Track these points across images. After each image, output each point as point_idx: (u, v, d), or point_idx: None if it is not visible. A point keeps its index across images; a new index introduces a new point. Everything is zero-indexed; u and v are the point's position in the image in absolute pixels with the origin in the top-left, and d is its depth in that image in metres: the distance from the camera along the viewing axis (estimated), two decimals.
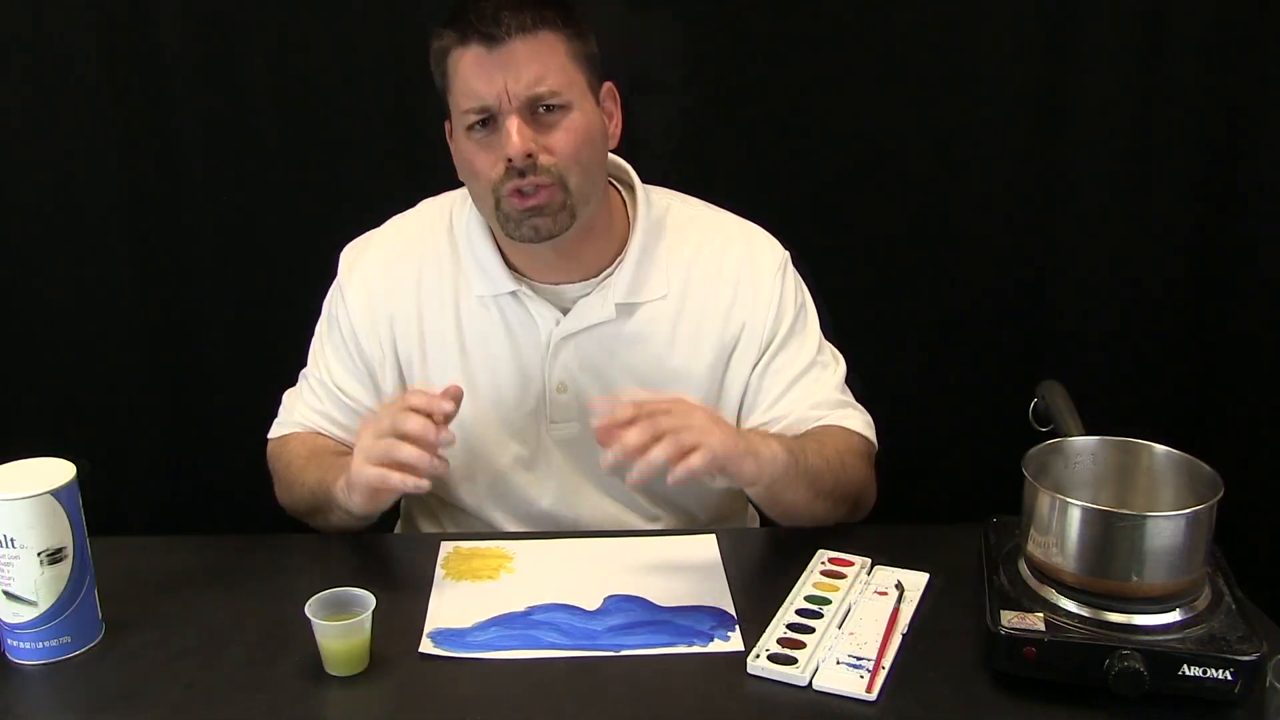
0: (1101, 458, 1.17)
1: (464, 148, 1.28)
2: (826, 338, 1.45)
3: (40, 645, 1.08)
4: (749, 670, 1.06)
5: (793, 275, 1.41)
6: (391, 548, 1.34)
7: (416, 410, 1.16)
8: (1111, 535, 1.03)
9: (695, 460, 1.13)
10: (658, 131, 1.81)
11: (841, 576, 1.22)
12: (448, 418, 1.18)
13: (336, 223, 1.63)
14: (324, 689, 1.04)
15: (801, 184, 1.82)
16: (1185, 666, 0.99)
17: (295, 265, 1.83)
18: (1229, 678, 0.98)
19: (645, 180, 1.40)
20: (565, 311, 1.35)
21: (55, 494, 1.05)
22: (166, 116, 1.77)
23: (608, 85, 1.32)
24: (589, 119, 1.27)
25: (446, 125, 1.32)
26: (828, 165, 1.84)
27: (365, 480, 1.18)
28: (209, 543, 1.33)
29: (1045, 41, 1.79)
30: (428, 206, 1.44)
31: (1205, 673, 0.98)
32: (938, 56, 1.80)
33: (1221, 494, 1.04)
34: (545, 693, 1.04)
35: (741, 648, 1.09)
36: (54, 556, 1.06)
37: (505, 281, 1.34)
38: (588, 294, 1.35)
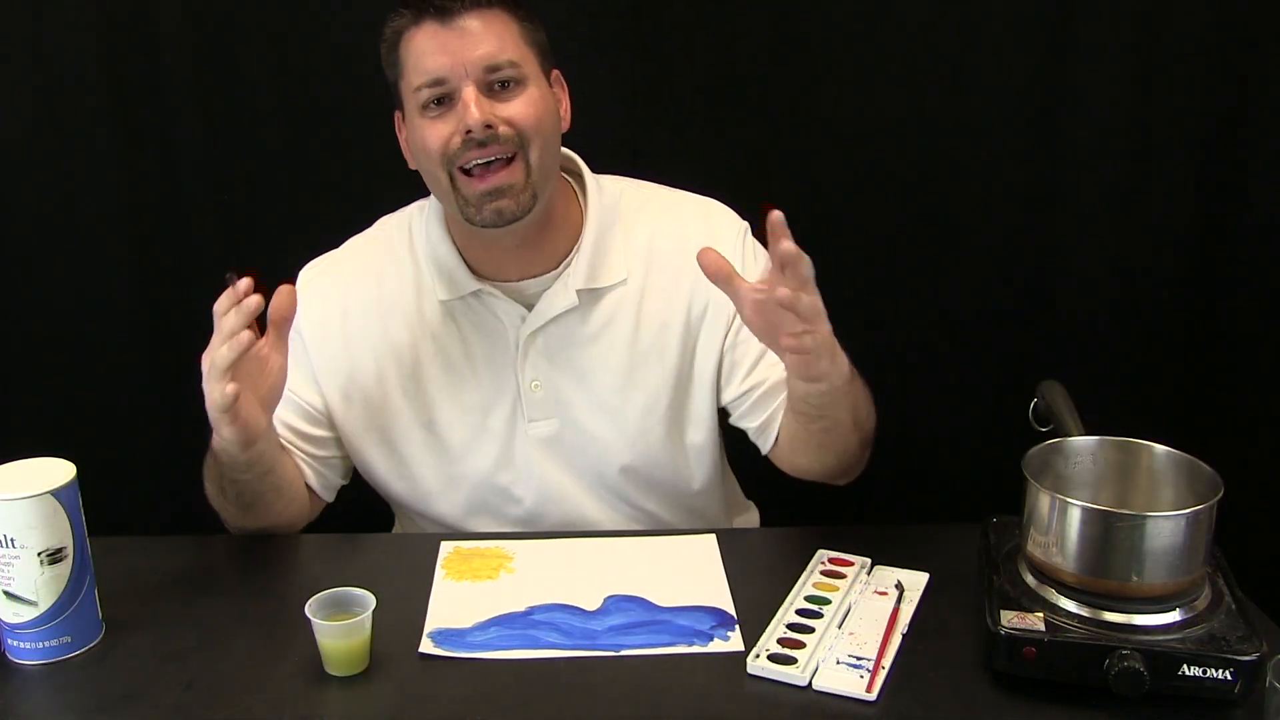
0: (1101, 458, 1.17)
1: (417, 126, 1.27)
2: None
3: (40, 645, 1.08)
4: (749, 670, 1.06)
5: (753, 244, 1.39)
6: (391, 548, 1.34)
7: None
8: (1111, 535, 1.03)
9: (824, 329, 1.14)
10: (665, 134, 1.81)
11: (841, 576, 1.22)
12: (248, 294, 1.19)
13: (337, 223, 1.62)
14: (324, 689, 1.04)
15: (800, 183, 1.81)
16: (1185, 666, 0.99)
17: (296, 265, 1.83)
18: (1229, 678, 0.98)
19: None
20: (530, 308, 1.35)
21: (55, 494, 1.05)
22: (167, 117, 1.76)
23: (555, 73, 1.34)
24: (545, 96, 1.29)
25: (397, 116, 1.33)
26: (826, 164, 1.84)
27: (212, 401, 1.17)
28: (209, 543, 1.33)
29: (1045, 41, 1.79)
30: (386, 221, 1.44)
31: (1205, 673, 0.99)
32: (938, 54, 1.79)
33: (1221, 494, 1.04)
34: (545, 693, 1.04)
35: (741, 648, 1.09)
36: (54, 556, 1.06)
37: (468, 282, 1.34)
38: (549, 287, 1.35)
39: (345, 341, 1.38)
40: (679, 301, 1.37)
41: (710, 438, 1.42)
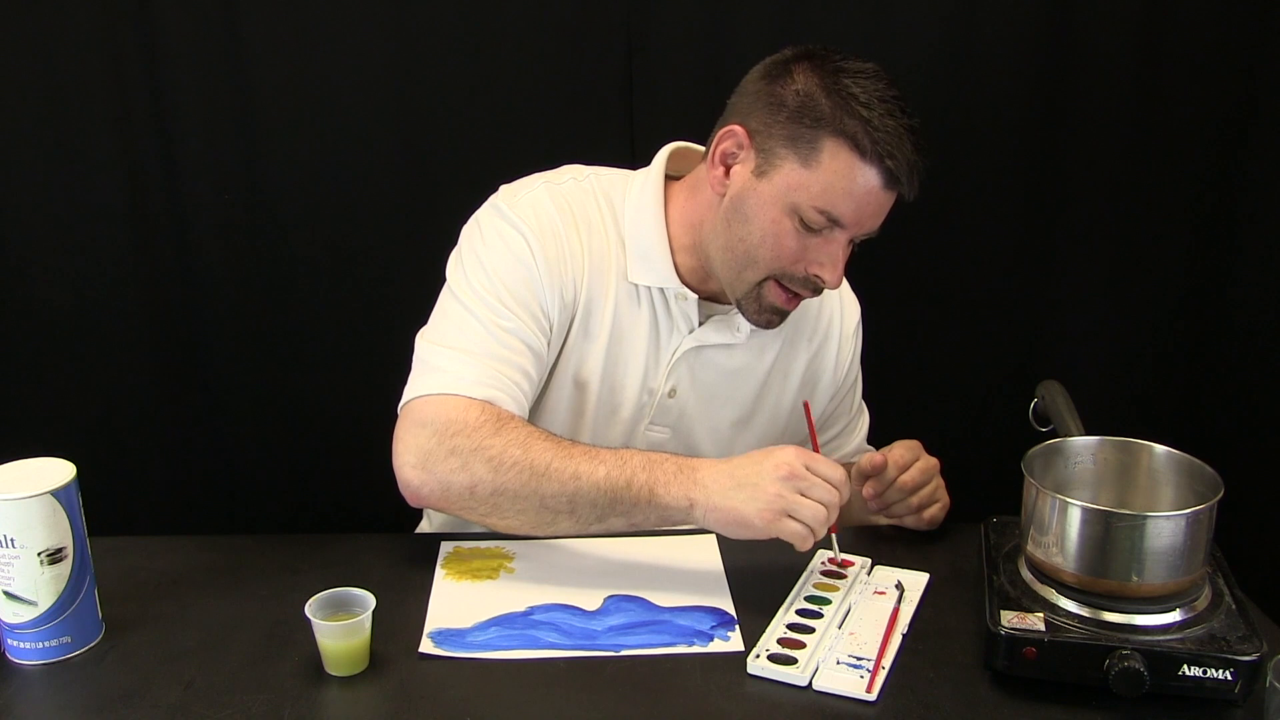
0: (1101, 458, 1.17)
1: (779, 222, 1.24)
2: None
3: (40, 645, 1.08)
4: (749, 670, 1.06)
5: (861, 332, 1.51)
6: (391, 548, 1.34)
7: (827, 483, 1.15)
8: (1111, 535, 1.03)
9: (944, 508, 1.33)
10: (665, 134, 1.81)
11: (842, 576, 1.22)
12: None
13: (338, 221, 1.64)
14: (324, 689, 1.04)
15: None
16: (1185, 666, 0.99)
17: (297, 264, 1.84)
18: (1229, 678, 0.98)
19: None
20: (701, 323, 1.37)
21: (55, 494, 1.05)
22: (168, 115, 1.76)
23: None
24: None
25: (737, 131, 1.25)
26: None
27: (784, 534, 1.14)
28: (209, 543, 1.33)
29: (1046, 41, 1.79)
30: (578, 176, 1.38)
31: (1205, 673, 0.99)
32: (938, 53, 1.79)
33: (1221, 494, 1.04)
34: (545, 693, 1.04)
35: (741, 648, 1.10)
36: (54, 556, 1.06)
37: (671, 279, 1.33)
38: (728, 315, 1.37)
39: (572, 279, 1.31)
40: (800, 364, 1.44)
41: None
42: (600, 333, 1.34)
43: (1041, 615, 1.04)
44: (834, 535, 1.22)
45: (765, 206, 1.24)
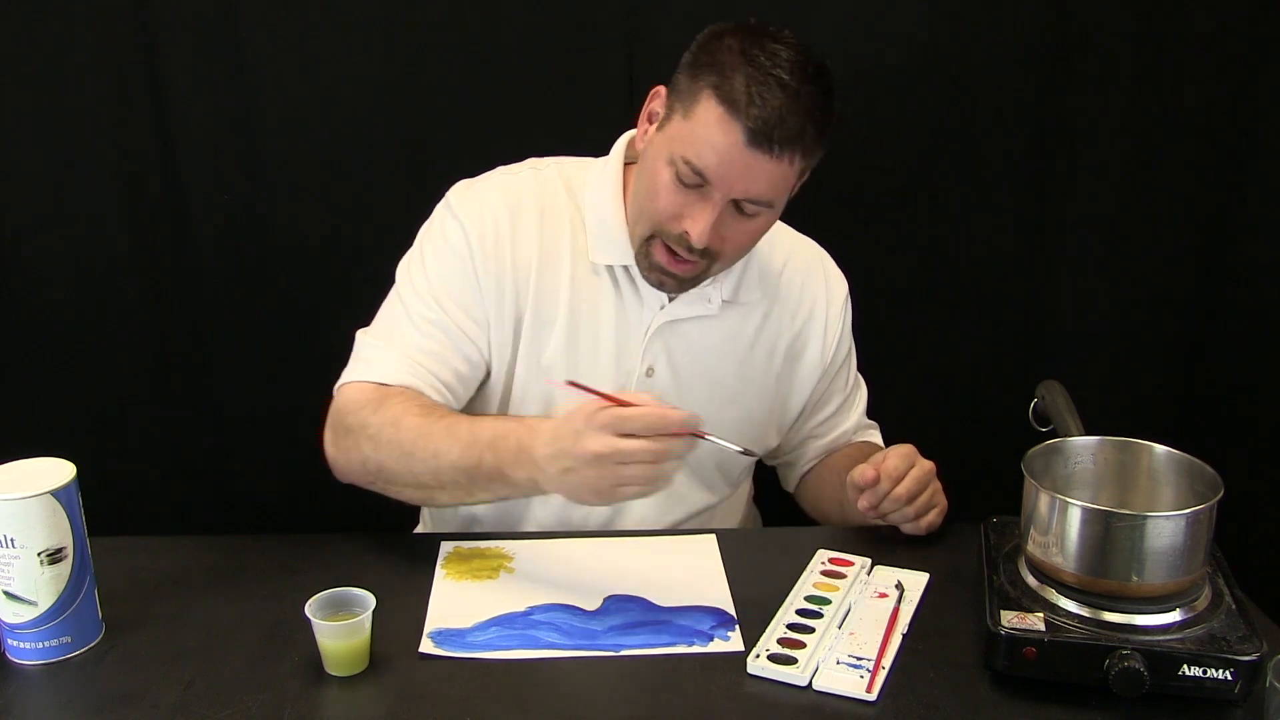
0: (1101, 458, 1.17)
1: (660, 173, 1.25)
2: None
3: (40, 645, 1.08)
4: (749, 670, 1.06)
5: (850, 309, 1.51)
6: (391, 548, 1.34)
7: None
8: (1111, 535, 1.04)
9: (942, 512, 1.32)
10: None
11: (841, 576, 1.22)
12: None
13: (340, 220, 1.64)
14: (324, 689, 1.04)
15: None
16: (1185, 666, 0.99)
17: (298, 263, 1.84)
18: (1229, 678, 0.98)
19: None
20: (671, 299, 1.36)
21: (55, 494, 1.05)
22: (168, 114, 1.76)
23: (802, 167, 1.27)
24: (770, 219, 1.30)
25: (659, 91, 1.28)
26: (826, 164, 1.83)
27: (630, 499, 1.19)
28: (209, 543, 1.33)
29: (1046, 41, 1.79)
30: (539, 166, 1.41)
31: (1205, 673, 0.99)
32: (939, 53, 1.79)
33: (1221, 494, 1.04)
34: (545, 693, 1.04)
35: (741, 648, 1.10)
36: (54, 556, 1.06)
37: (630, 257, 1.34)
38: (699, 287, 1.36)
39: (511, 267, 1.33)
40: (785, 339, 1.44)
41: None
42: (557, 318, 1.35)
43: (1041, 615, 1.04)
44: (709, 437, 1.13)
45: (654, 158, 1.26)
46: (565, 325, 1.35)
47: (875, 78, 1.80)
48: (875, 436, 1.57)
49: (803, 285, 1.45)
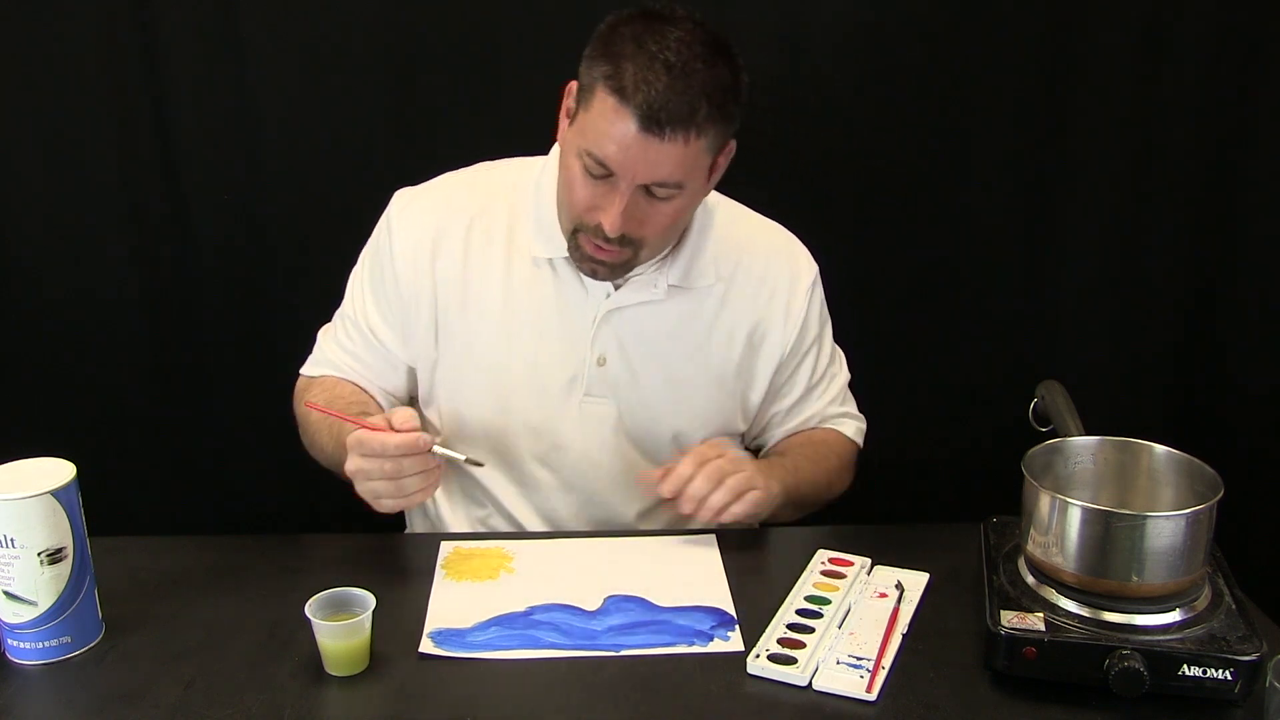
0: (1101, 458, 1.17)
1: (572, 167, 1.25)
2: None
3: (40, 645, 1.08)
4: (749, 670, 1.06)
5: (820, 292, 1.47)
6: (391, 548, 1.34)
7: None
8: (1111, 535, 1.04)
9: (754, 498, 1.27)
10: None
11: (841, 576, 1.22)
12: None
13: (339, 221, 1.63)
14: (324, 689, 1.04)
15: (799, 183, 1.81)
16: (1185, 666, 0.99)
17: (297, 263, 1.84)
18: (1229, 678, 0.98)
19: None
20: (617, 286, 1.36)
21: (55, 494, 1.05)
22: (167, 116, 1.76)
23: (730, 144, 1.29)
24: (690, 200, 1.29)
25: (571, 86, 1.27)
26: (826, 165, 1.84)
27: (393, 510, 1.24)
28: (209, 543, 1.33)
29: (1046, 41, 1.79)
30: (484, 168, 1.45)
31: (1205, 673, 0.99)
32: (938, 55, 1.79)
33: (1221, 494, 1.04)
34: (545, 693, 1.04)
35: (741, 648, 1.10)
36: (54, 556, 1.06)
37: (565, 247, 1.34)
38: (643, 272, 1.36)
39: (432, 268, 1.38)
40: (746, 322, 1.42)
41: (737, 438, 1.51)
42: (490, 312, 1.37)
43: (1041, 615, 1.04)
44: (434, 450, 1.21)
45: (567, 153, 1.28)
46: (500, 319, 1.37)
47: (875, 77, 1.80)
48: (846, 427, 1.53)
49: (764, 270, 1.43)
